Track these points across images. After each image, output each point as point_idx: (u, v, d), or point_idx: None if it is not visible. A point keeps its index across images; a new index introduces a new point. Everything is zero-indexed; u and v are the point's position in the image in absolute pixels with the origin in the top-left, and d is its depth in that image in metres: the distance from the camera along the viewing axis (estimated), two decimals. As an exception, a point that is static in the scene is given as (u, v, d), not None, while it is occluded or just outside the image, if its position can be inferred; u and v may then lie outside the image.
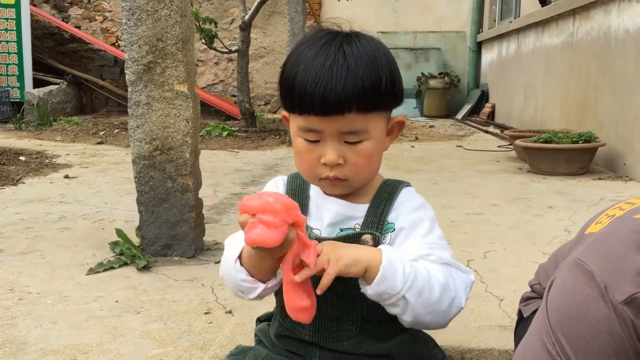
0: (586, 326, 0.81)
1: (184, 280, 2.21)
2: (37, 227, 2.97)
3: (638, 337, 0.79)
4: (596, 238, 0.93)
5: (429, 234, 1.06)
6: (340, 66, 0.97)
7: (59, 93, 8.26)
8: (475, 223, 3.02)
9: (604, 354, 0.81)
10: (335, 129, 0.99)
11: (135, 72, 2.38)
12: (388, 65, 1.01)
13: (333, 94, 0.96)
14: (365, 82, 0.97)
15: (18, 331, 1.77)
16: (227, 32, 9.49)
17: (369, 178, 1.08)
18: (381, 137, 1.04)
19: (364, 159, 1.02)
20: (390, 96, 1.02)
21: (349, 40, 1.01)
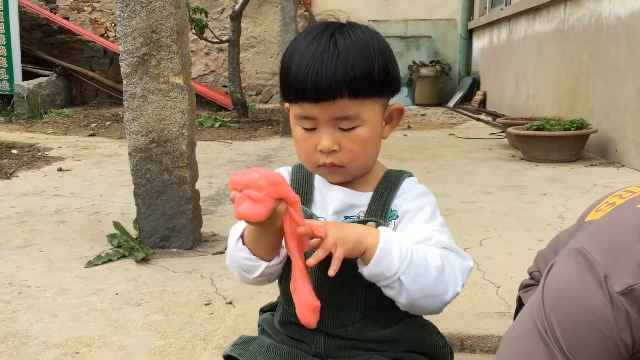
0: (579, 308, 0.83)
1: (183, 272, 2.22)
2: (33, 220, 2.96)
3: (631, 328, 0.80)
4: (599, 227, 0.94)
5: (430, 220, 1.08)
6: (331, 53, 1.00)
7: (48, 85, 8.20)
8: (470, 211, 3.05)
9: (591, 338, 0.82)
10: (329, 115, 1.02)
11: (130, 65, 2.37)
12: (381, 52, 1.04)
13: (324, 80, 0.99)
14: (356, 68, 1.00)
15: (19, 325, 1.77)
16: (217, 22, 9.43)
17: (366, 165, 1.10)
18: (377, 124, 1.06)
19: (358, 145, 1.04)
20: (384, 83, 1.04)
21: (341, 29, 1.04)
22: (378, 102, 1.05)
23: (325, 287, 1.09)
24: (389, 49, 1.07)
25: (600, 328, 0.81)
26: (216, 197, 3.47)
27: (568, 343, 0.84)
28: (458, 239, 2.62)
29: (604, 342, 0.82)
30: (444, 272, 1.01)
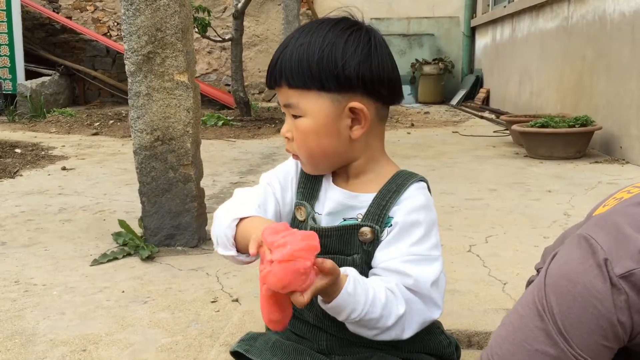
0: (578, 288, 0.84)
1: (189, 270, 2.22)
2: (37, 219, 2.96)
3: (630, 310, 0.81)
4: (604, 215, 0.94)
5: (420, 242, 1.04)
6: (288, 43, 1.07)
7: (51, 84, 8.21)
8: (475, 208, 3.04)
9: (587, 315, 0.83)
10: (282, 101, 1.09)
11: (135, 63, 2.37)
12: (338, 47, 1.04)
13: (271, 67, 1.08)
14: (294, 57, 1.04)
15: (26, 323, 1.77)
16: (219, 20, 9.43)
17: (315, 158, 1.09)
18: (322, 119, 1.05)
19: (299, 135, 1.07)
20: (330, 77, 1.03)
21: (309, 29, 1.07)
22: (325, 97, 1.04)
23: None
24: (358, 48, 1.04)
25: (597, 306, 0.82)
26: (220, 195, 3.47)
27: (564, 320, 0.85)
28: (464, 236, 2.63)
29: (600, 320, 0.82)
30: (398, 323, 1.01)
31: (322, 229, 1.08)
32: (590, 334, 0.83)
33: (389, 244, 1.05)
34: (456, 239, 2.49)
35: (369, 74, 1.05)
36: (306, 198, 1.14)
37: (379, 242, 1.06)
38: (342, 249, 1.08)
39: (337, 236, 1.07)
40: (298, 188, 1.16)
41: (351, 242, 1.07)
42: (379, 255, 1.06)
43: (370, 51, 1.05)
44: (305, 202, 1.13)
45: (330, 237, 1.07)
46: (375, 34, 1.08)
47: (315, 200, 1.14)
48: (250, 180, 3.87)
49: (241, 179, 3.93)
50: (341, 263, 1.04)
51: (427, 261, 1.03)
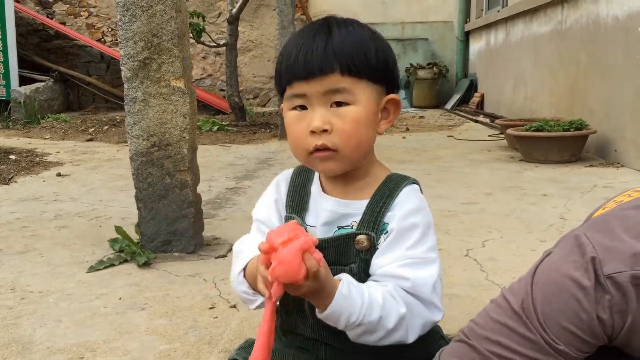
0: (565, 281, 0.85)
1: (186, 276, 2.21)
2: (33, 226, 2.95)
3: (611, 310, 0.82)
4: (601, 216, 0.95)
5: (417, 245, 1.03)
6: (324, 34, 1.03)
7: (45, 90, 8.19)
8: (471, 212, 3.04)
9: (567, 309, 0.85)
10: (320, 89, 1.00)
11: (131, 69, 2.36)
12: (380, 41, 1.07)
13: (314, 55, 1.00)
14: (348, 46, 1.02)
15: (23, 330, 1.76)
16: (214, 25, 9.44)
17: (360, 151, 1.04)
18: (370, 109, 1.03)
19: (349, 125, 1.01)
20: (381, 70, 1.05)
21: (337, 21, 1.06)
22: (373, 88, 1.04)
23: None
24: (388, 45, 1.10)
25: (580, 300, 0.83)
26: (217, 201, 3.46)
27: (545, 307, 0.86)
28: (461, 241, 2.63)
29: (581, 313, 0.83)
30: (400, 326, 1.00)
31: (319, 241, 1.05)
32: (568, 325, 0.85)
33: (385, 250, 1.04)
34: (453, 243, 2.49)
35: (395, 68, 1.10)
36: (296, 211, 1.13)
37: (375, 250, 1.05)
38: (339, 259, 1.06)
39: (333, 247, 1.06)
40: (286, 202, 1.14)
41: (348, 251, 1.05)
42: (376, 262, 1.04)
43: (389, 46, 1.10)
44: (295, 215, 1.12)
45: (327, 248, 1.05)
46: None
47: (305, 211, 1.12)
48: (247, 186, 3.87)
49: (237, 184, 3.92)
50: (339, 274, 1.03)
51: (424, 264, 1.03)
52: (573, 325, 0.85)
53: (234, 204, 3.38)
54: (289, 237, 0.89)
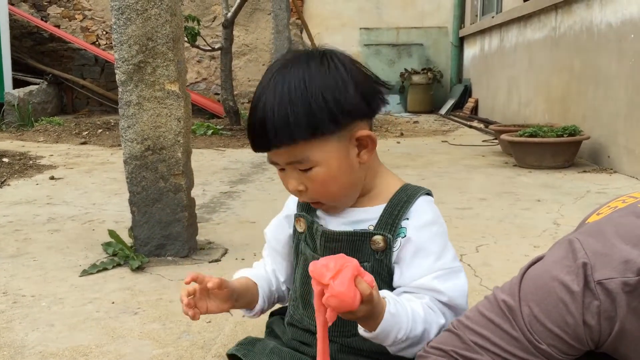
0: (555, 284, 0.86)
1: (179, 280, 2.20)
2: (25, 229, 2.94)
3: (599, 316, 0.82)
4: (596, 222, 0.95)
5: (442, 255, 1.05)
6: (262, 107, 1.00)
7: (39, 93, 8.16)
8: (465, 218, 3.05)
9: (555, 310, 0.85)
10: (283, 160, 1.03)
11: (126, 72, 2.36)
12: (324, 87, 0.99)
13: (257, 137, 1.01)
14: (284, 113, 0.97)
15: (15, 334, 1.75)
16: (209, 29, 9.44)
17: (344, 194, 1.07)
18: (336, 162, 1.02)
19: (320, 185, 1.03)
20: (329, 120, 0.99)
21: (282, 71, 1.01)
22: (330, 140, 1.01)
23: None
24: (339, 81, 1.01)
25: (568, 304, 0.84)
26: (210, 205, 3.45)
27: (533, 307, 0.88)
28: (454, 246, 2.61)
29: (567, 316, 0.84)
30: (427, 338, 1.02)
31: (333, 232, 1.08)
32: (554, 327, 0.85)
33: (412, 263, 1.05)
34: (447, 249, 2.49)
35: (361, 97, 1.02)
36: (306, 210, 1.15)
37: (391, 252, 1.06)
38: (352, 256, 1.06)
39: (348, 241, 1.07)
40: (298, 202, 1.17)
41: (362, 249, 1.07)
42: (406, 274, 1.05)
43: (349, 73, 1.02)
44: (304, 213, 1.14)
45: (341, 241, 1.07)
46: (337, 53, 1.05)
47: (314, 212, 1.14)
48: (241, 190, 3.87)
49: (231, 189, 3.92)
50: None
51: (453, 273, 1.05)
52: (558, 328, 0.85)
53: (228, 208, 3.37)
54: (338, 269, 0.88)
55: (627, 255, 0.83)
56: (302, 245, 1.15)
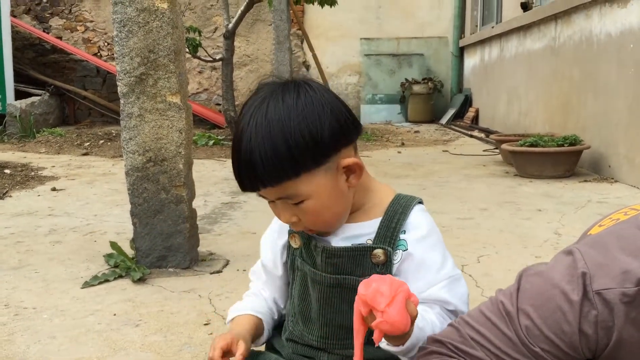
0: (555, 292, 0.87)
1: (181, 292, 2.20)
2: (27, 241, 2.94)
3: (597, 325, 0.83)
4: (598, 234, 0.96)
5: (443, 265, 1.07)
6: (245, 150, 0.98)
7: (41, 104, 8.18)
8: (466, 228, 3.05)
9: (552, 317, 0.86)
10: (273, 196, 1.03)
11: (127, 84, 2.37)
12: (302, 122, 0.98)
13: (243, 179, 1.01)
14: (267, 155, 0.97)
15: (17, 347, 1.75)
16: (210, 40, 9.48)
17: (337, 222, 1.08)
18: (327, 190, 1.02)
19: (312, 216, 1.03)
20: (306, 157, 0.98)
21: (259, 106, 1.00)
22: (316, 172, 1.01)
23: (329, 310, 1.10)
24: (315, 113, 1.00)
25: (566, 312, 0.85)
26: (212, 216, 3.46)
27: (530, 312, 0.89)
28: (455, 256, 2.61)
29: (564, 324, 0.85)
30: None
31: (334, 248, 1.08)
32: (550, 334, 0.86)
33: (416, 275, 1.06)
34: (448, 259, 2.49)
35: (340, 126, 1.02)
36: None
37: (391, 265, 1.07)
38: (353, 270, 1.08)
39: (349, 257, 1.08)
40: None
41: (363, 263, 1.08)
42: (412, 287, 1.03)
43: (324, 104, 1.01)
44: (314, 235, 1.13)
45: (343, 257, 1.08)
46: (310, 83, 1.04)
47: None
48: (242, 201, 3.87)
49: (232, 199, 3.92)
50: (353, 284, 1.05)
51: (456, 281, 1.07)
52: (555, 335, 0.86)
53: (230, 219, 3.37)
54: (393, 296, 0.88)
55: (626, 266, 0.83)
56: (298, 261, 1.14)
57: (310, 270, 1.11)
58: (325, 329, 1.11)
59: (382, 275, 0.92)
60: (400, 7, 9.69)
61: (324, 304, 1.10)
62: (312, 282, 1.12)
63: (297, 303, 1.16)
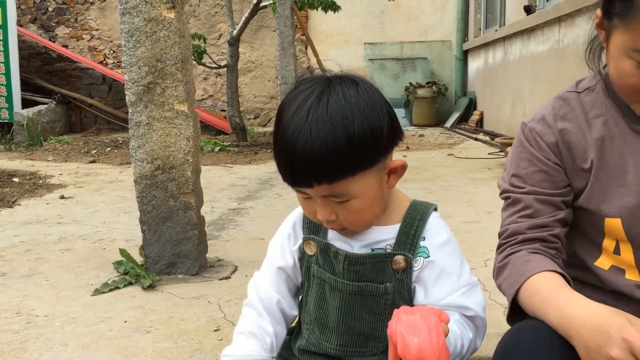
0: (516, 140, 1.18)
1: (191, 298, 2.22)
2: (37, 249, 2.97)
3: (542, 138, 1.12)
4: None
5: (462, 272, 1.07)
6: (303, 145, 0.95)
7: (48, 112, 8.24)
8: (473, 231, 3.06)
9: (522, 154, 1.14)
10: (319, 194, 1.00)
11: (136, 93, 2.40)
12: (360, 124, 0.96)
13: (298, 176, 0.98)
14: (321, 159, 0.94)
15: (29, 355, 1.77)
16: (215, 47, 9.53)
17: (372, 222, 1.08)
18: (372, 192, 1.02)
19: (354, 215, 1.03)
20: (365, 155, 0.98)
21: (319, 100, 0.97)
22: (370, 172, 1.00)
23: (349, 317, 1.10)
24: (375, 103, 0.99)
25: (523, 143, 1.16)
26: (219, 222, 3.48)
27: (513, 158, 1.17)
28: (462, 260, 2.64)
29: (523, 153, 1.14)
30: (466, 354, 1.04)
31: (357, 255, 1.08)
32: (522, 161, 1.13)
33: (437, 282, 1.06)
34: (455, 263, 2.50)
35: (394, 126, 1.01)
36: (314, 232, 1.14)
37: (411, 271, 1.07)
38: (375, 277, 1.08)
39: (371, 264, 1.08)
40: (303, 224, 1.16)
41: (384, 270, 1.08)
42: (433, 294, 1.07)
43: (381, 103, 1.00)
44: (314, 237, 1.13)
45: (365, 264, 1.08)
46: (360, 78, 1.03)
47: (324, 232, 1.13)
48: (249, 206, 3.89)
49: (239, 205, 3.94)
50: (374, 291, 1.06)
51: (473, 288, 1.07)
52: (526, 161, 1.12)
53: (237, 225, 3.40)
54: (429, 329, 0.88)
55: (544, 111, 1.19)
56: (314, 268, 1.13)
57: (329, 277, 1.10)
58: (344, 337, 1.11)
59: (410, 308, 0.92)
60: (403, 12, 9.72)
61: (344, 312, 1.10)
62: (331, 290, 1.11)
63: (313, 310, 1.14)
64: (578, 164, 1.08)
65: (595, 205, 1.06)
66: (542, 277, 1.00)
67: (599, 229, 1.07)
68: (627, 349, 0.80)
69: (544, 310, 0.95)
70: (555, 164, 1.10)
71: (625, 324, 0.82)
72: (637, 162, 1.04)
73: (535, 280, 0.99)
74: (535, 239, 1.07)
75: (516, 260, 1.06)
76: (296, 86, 1.03)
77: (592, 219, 1.07)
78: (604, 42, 1.07)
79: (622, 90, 1.03)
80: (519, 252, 1.08)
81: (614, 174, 1.05)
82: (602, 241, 1.08)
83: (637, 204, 1.03)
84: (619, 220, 1.04)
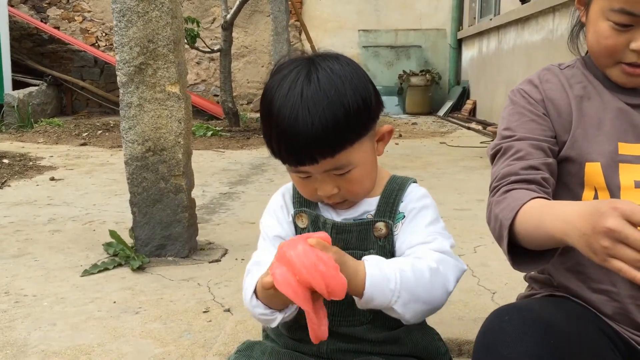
0: (508, 100, 1.22)
1: (180, 280, 2.22)
2: (26, 230, 2.95)
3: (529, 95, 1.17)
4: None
5: (434, 222, 1.11)
6: (302, 124, 0.98)
7: (39, 94, 8.17)
8: (463, 218, 3.07)
9: (514, 109, 1.17)
10: (320, 170, 1.04)
11: (127, 74, 2.38)
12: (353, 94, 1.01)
13: (302, 153, 1.00)
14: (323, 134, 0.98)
15: (17, 334, 1.77)
16: (208, 31, 9.46)
17: (370, 189, 1.13)
18: (369, 158, 1.09)
19: (356, 184, 1.08)
20: (361, 123, 1.04)
21: (309, 78, 1.01)
22: (365, 139, 1.07)
23: None
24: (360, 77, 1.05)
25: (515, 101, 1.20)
26: (210, 206, 3.47)
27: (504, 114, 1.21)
28: (452, 246, 2.65)
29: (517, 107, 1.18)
30: (437, 276, 1.03)
31: (344, 224, 1.12)
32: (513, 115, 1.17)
33: (406, 232, 1.10)
34: (445, 249, 2.51)
35: (377, 93, 1.09)
36: (305, 205, 1.17)
37: (392, 237, 1.11)
38: (359, 244, 1.12)
39: (355, 231, 1.12)
40: (293, 198, 1.19)
41: (367, 237, 1.12)
42: (401, 244, 1.10)
43: (363, 73, 1.07)
44: (305, 209, 1.16)
45: (351, 232, 1.12)
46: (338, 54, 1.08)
47: (314, 206, 1.17)
48: (240, 191, 3.89)
49: (231, 190, 3.94)
50: (358, 258, 1.07)
51: (442, 237, 1.10)
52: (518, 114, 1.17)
53: (228, 209, 3.39)
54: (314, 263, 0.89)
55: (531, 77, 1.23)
56: None
57: None
58: (332, 307, 1.10)
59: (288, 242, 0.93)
60: (398, -1, 9.68)
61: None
62: None
63: None
64: (562, 117, 1.14)
65: (577, 151, 1.10)
66: (539, 200, 1.01)
67: (579, 179, 1.10)
68: (621, 216, 0.79)
69: (540, 220, 0.94)
70: (544, 114, 1.15)
71: (614, 200, 0.82)
72: (613, 116, 1.11)
73: (532, 202, 1.00)
74: (531, 181, 1.07)
75: (516, 193, 1.06)
76: (278, 70, 1.06)
77: (573, 169, 1.10)
78: (583, 17, 1.14)
79: (598, 54, 1.10)
80: (516, 189, 1.07)
81: (592, 125, 1.11)
82: (582, 193, 1.10)
83: (614, 150, 1.08)
84: (598, 164, 1.07)
